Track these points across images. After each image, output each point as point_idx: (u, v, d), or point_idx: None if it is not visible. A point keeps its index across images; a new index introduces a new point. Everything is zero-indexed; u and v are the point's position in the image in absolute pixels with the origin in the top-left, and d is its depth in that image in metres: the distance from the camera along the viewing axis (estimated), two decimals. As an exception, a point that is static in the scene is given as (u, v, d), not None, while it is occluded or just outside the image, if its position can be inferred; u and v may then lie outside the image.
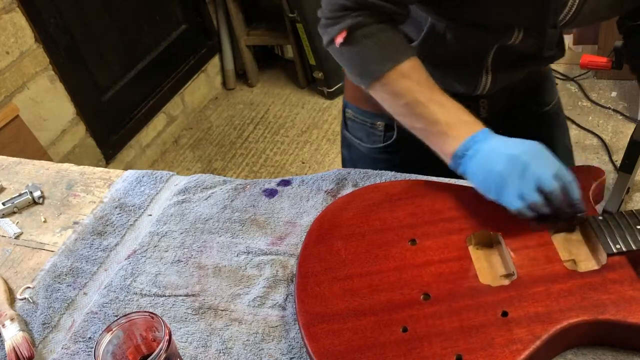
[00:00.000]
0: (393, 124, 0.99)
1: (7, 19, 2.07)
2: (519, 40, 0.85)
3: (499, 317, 0.64)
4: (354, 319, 0.68)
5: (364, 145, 1.07)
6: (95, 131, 2.47)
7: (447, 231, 0.75)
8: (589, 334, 0.63)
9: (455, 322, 0.65)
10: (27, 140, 2.07)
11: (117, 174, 1.06)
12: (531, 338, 0.61)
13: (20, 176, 1.10)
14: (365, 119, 1.03)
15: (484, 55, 0.89)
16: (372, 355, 0.64)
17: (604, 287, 0.64)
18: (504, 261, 0.72)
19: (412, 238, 0.76)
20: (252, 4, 3.02)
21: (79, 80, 2.38)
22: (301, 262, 0.77)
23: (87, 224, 0.96)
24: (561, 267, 0.68)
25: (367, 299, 0.69)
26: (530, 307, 0.64)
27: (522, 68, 0.94)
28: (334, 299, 0.70)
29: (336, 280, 0.73)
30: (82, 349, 0.76)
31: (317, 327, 0.68)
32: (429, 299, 0.68)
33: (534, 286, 0.66)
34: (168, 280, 0.83)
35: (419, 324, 0.65)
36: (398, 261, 0.73)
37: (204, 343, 0.74)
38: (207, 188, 0.98)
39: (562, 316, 0.62)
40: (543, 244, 0.71)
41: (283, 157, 2.67)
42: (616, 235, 0.68)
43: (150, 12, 2.74)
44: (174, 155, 2.86)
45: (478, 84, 0.93)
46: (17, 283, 0.88)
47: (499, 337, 0.62)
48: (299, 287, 0.73)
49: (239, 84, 3.23)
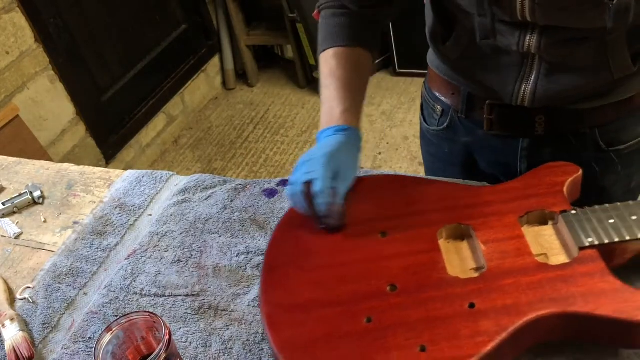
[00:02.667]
0: (449, 110, 0.98)
1: (7, 19, 2.07)
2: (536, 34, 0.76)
3: (465, 308, 0.63)
4: (319, 310, 0.67)
5: (424, 124, 1.07)
6: (95, 131, 2.47)
7: (419, 224, 0.75)
8: (558, 328, 0.62)
9: (421, 313, 0.64)
10: (27, 140, 2.07)
11: (117, 174, 1.06)
12: (497, 330, 0.60)
13: (20, 176, 1.10)
14: (429, 99, 1.03)
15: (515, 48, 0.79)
16: (334, 346, 0.63)
17: (574, 280, 0.63)
18: (474, 254, 0.71)
19: (383, 230, 0.75)
20: (252, 4, 3.02)
21: (79, 80, 2.38)
22: (268, 254, 0.76)
23: (87, 224, 0.96)
24: (532, 260, 0.67)
25: (332, 290, 0.69)
26: (498, 299, 0.63)
27: (573, 75, 0.81)
28: (299, 289, 0.70)
29: (303, 271, 0.72)
30: (82, 349, 0.76)
31: (279, 317, 0.67)
32: (396, 290, 0.67)
33: (503, 279, 0.65)
34: (168, 280, 0.83)
35: (384, 315, 0.65)
36: (367, 253, 0.73)
37: (204, 343, 0.74)
38: (207, 188, 0.98)
39: (530, 308, 0.61)
40: (514, 237, 0.70)
41: (283, 157, 2.67)
42: (588, 229, 0.67)
43: (150, 12, 2.74)
44: (174, 155, 2.86)
45: (515, 89, 0.85)
46: (17, 283, 0.88)
47: (464, 328, 0.61)
48: (264, 278, 0.73)
49: (239, 84, 3.23)
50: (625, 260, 0.68)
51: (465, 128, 0.96)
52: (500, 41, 0.80)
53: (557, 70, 0.81)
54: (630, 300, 0.59)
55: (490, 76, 0.86)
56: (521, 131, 0.90)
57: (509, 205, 0.74)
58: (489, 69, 0.86)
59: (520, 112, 0.87)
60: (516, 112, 0.88)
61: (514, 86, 0.84)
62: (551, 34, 0.76)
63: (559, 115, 0.87)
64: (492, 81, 0.87)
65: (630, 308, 0.59)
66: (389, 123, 2.73)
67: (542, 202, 0.73)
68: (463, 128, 0.97)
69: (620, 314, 0.59)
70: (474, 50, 0.85)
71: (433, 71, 0.99)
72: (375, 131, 2.70)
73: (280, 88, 3.12)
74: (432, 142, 1.06)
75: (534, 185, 0.76)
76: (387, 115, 2.78)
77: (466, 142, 0.98)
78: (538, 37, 0.77)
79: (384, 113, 2.80)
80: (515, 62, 0.82)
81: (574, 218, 0.69)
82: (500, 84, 0.86)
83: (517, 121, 0.89)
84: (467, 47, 0.86)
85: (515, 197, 0.75)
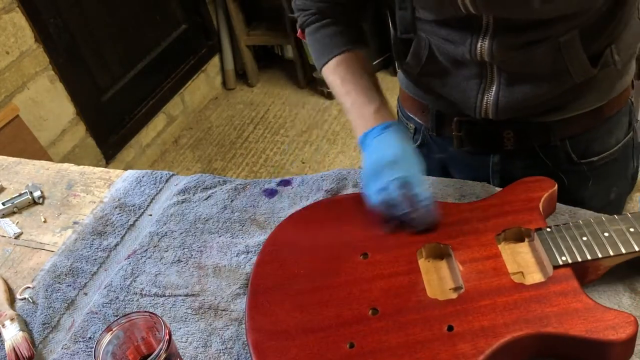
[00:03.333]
0: (421, 128, 0.99)
1: (7, 19, 2.07)
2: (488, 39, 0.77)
3: (444, 331, 0.64)
4: (302, 336, 0.67)
5: None
6: (95, 131, 2.47)
7: (399, 244, 0.75)
8: (534, 348, 0.63)
9: (401, 337, 0.64)
10: (27, 140, 2.07)
11: (117, 174, 1.06)
12: (475, 353, 0.61)
13: (20, 176, 1.10)
14: (402, 117, 1.04)
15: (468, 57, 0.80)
16: None
17: (548, 299, 0.64)
18: (453, 274, 0.72)
19: (364, 252, 0.75)
20: (252, 4, 3.02)
21: (79, 80, 2.38)
22: (253, 278, 0.76)
23: (87, 224, 0.96)
24: (508, 280, 0.67)
25: (316, 314, 0.69)
26: (476, 321, 0.64)
27: (534, 82, 0.81)
28: (284, 315, 0.70)
29: (287, 296, 0.72)
30: (82, 349, 0.76)
31: (265, 344, 0.68)
32: (377, 314, 0.68)
33: (480, 300, 0.66)
34: (168, 280, 0.83)
35: (366, 340, 0.65)
36: (349, 275, 0.73)
37: (204, 343, 0.74)
38: (207, 188, 0.98)
39: (506, 330, 0.62)
40: (491, 256, 0.70)
41: (283, 157, 2.67)
42: (562, 247, 0.68)
43: (150, 12, 2.74)
44: (174, 155, 2.86)
45: (478, 101, 0.84)
46: (17, 283, 0.88)
47: (443, 352, 0.62)
48: (250, 304, 0.73)
49: (239, 84, 3.23)
50: (599, 276, 0.69)
51: (438, 145, 0.97)
52: (452, 50, 0.81)
53: (517, 79, 0.81)
54: (601, 319, 0.60)
55: (453, 90, 0.87)
56: (491, 147, 0.91)
57: (486, 223, 0.74)
58: (450, 83, 0.86)
59: (488, 127, 0.88)
60: (484, 128, 0.89)
61: (476, 98, 0.84)
62: (502, 37, 0.76)
63: (526, 129, 0.87)
64: (455, 95, 0.87)
65: (602, 327, 0.60)
66: (389, 123, 2.73)
67: (518, 219, 0.74)
68: (435, 145, 0.98)
69: (592, 333, 0.60)
70: (433, 64, 0.85)
71: (402, 90, 1.00)
72: (375, 131, 2.70)
73: (280, 88, 3.12)
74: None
75: (510, 202, 0.76)
76: (387, 115, 2.78)
77: (440, 159, 0.99)
78: (490, 41, 0.76)
79: (384, 113, 2.80)
80: (474, 74, 0.83)
81: (548, 236, 0.70)
82: (463, 98, 0.86)
83: (486, 137, 0.90)
84: (426, 61, 0.86)
85: (492, 214, 0.75)
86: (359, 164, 2.53)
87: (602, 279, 0.69)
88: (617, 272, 0.69)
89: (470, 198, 0.85)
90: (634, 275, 0.70)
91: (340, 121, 2.80)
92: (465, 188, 0.87)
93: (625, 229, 0.68)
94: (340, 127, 2.76)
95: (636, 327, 0.59)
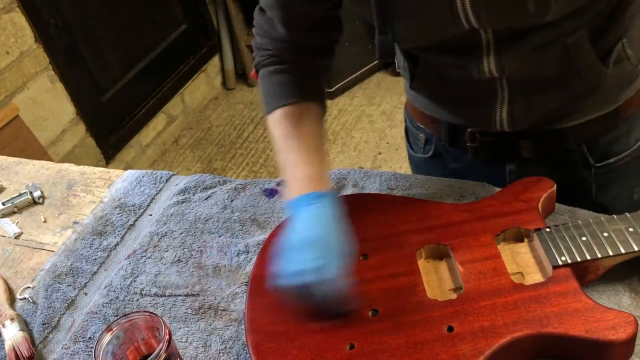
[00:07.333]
0: (432, 139, 0.96)
1: (7, 19, 2.07)
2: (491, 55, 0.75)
3: (444, 332, 0.64)
4: (302, 337, 0.67)
5: (410, 150, 1.06)
6: (95, 131, 2.48)
7: (399, 245, 0.75)
8: (535, 348, 0.63)
9: (401, 338, 0.64)
10: (27, 140, 2.07)
11: (117, 174, 1.06)
12: (475, 354, 0.61)
13: (20, 176, 1.10)
14: (412, 127, 1.02)
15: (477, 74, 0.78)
16: None
17: (548, 300, 0.64)
18: (452, 275, 0.72)
19: (364, 253, 0.75)
20: (252, 4, 3.01)
21: (79, 80, 2.38)
22: (252, 280, 0.76)
23: (87, 224, 0.96)
24: (507, 280, 0.67)
25: (316, 315, 0.69)
26: (476, 321, 0.64)
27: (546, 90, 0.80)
28: (283, 316, 0.70)
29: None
30: (82, 349, 0.76)
31: (265, 346, 0.68)
32: (377, 315, 0.68)
33: (480, 300, 0.66)
34: (168, 280, 0.83)
35: (366, 341, 0.65)
36: (349, 277, 0.72)
37: (204, 343, 0.74)
38: (207, 188, 0.98)
39: (506, 330, 0.62)
40: (491, 256, 0.70)
41: (283, 157, 2.67)
42: (561, 247, 0.68)
43: (150, 12, 2.74)
44: (174, 155, 2.86)
45: (492, 115, 0.83)
46: (17, 283, 0.88)
47: (443, 352, 0.62)
48: (249, 306, 0.73)
49: (239, 84, 3.23)
50: (598, 277, 0.69)
51: (451, 155, 0.95)
52: (460, 74, 0.79)
53: (528, 89, 0.79)
54: (601, 319, 0.60)
55: (465, 107, 0.85)
56: (507, 157, 0.90)
57: (486, 223, 0.74)
58: (462, 100, 0.85)
59: (504, 138, 0.86)
60: (499, 138, 0.87)
61: (490, 114, 0.83)
62: (506, 49, 0.74)
63: (543, 137, 0.86)
64: (468, 111, 0.86)
65: (602, 327, 0.60)
66: (388, 123, 2.73)
67: (518, 219, 0.73)
68: (449, 155, 0.96)
69: (592, 333, 0.60)
70: (442, 85, 0.84)
71: (410, 102, 0.98)
72: (375, 131, 2.70)
73: (280, 88, 3.12)
74: (421, 168, 1.04)
75: (509, 202, 0.76)
76: (387, 115, 2.78)
77: (454, 168, 0.96)
78: (495, 57, 0.74)
79: (384, 113, 2.80)
80: (485, 90, 0.81)
81: (547, 236, 0.70)
82: (476, 113, 0.85)
83: (502, 147, 0.89)
84: (435, 82, 0.84)
85: (492, 215, 0.75)
86: (358, 164, 2.53)
87: (602, 279, 0.69)
88: (617, 272, 0.69)
89: (470, 198, 0.85)
90: (634, 275, 0.70)
91: (340, 121, 2.80)
92: (465, 188, 0.87)
93: (624, 229, 0.67)
94: (340, 127, 2.76)
95: (636, 327, 0.59)
